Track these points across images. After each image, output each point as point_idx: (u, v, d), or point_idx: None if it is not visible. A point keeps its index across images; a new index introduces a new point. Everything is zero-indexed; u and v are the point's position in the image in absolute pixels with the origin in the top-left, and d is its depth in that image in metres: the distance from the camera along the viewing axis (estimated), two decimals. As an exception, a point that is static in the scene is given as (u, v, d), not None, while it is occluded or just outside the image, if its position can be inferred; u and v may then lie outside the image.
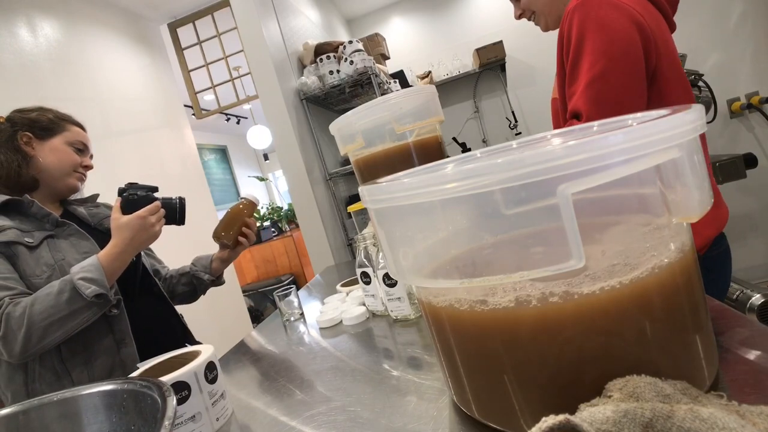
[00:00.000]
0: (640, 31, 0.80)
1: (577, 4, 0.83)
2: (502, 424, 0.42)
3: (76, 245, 1.00)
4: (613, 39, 0.79)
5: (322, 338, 0.91)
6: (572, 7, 0.84)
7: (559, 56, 0.90)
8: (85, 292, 0.85)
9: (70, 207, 1.10)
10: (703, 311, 0.41)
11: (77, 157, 1.08)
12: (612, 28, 0.80)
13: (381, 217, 0.45)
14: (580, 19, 0.82)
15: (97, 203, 1.19)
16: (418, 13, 3.59)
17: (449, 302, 0.42)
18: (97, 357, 0.95)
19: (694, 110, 0.35)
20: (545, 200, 0.32)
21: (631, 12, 0.81)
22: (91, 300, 0.85)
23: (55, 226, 1.00)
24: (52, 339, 0.84)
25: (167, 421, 0.34)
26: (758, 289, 2.00)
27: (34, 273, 0.92)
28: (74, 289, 0.85)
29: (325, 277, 1.65)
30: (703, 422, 0.27)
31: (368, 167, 0.99)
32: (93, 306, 0.87)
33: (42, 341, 0.83)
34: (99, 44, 2.52)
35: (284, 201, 6.74)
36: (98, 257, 0.90)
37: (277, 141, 2.24)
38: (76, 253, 0.99)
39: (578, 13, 0.82)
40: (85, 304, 0.86)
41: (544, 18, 1.01)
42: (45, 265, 0.93)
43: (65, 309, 0.84)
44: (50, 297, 0.84)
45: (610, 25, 0.80)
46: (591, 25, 0.81)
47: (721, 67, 2.86)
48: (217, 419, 0.63)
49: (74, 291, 0.85)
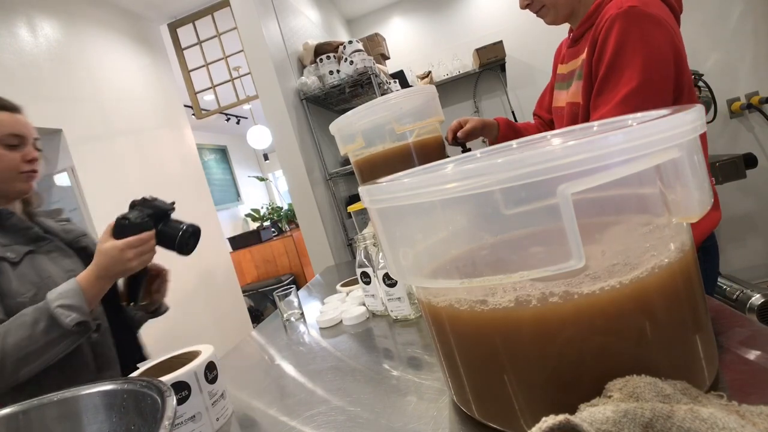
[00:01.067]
0: (674, 51, 0.81)
1: (620, 13, 0.81)
2: (502, 424, 0.42)
3: (59, 262, 0.92)
4: (653, 57, 0.79)
5: (322, 338, 0.91)
6: (614, 14, 0.82)
7: (588, 60, 0.89)
8: (65, 321, 0.78)
9: (36, 219, 0.97)
10: (703, 311, 0.41)
11: (13, 154, 0.89)
12: (653, 46, 0.80)
13: (381, 217, 0.45)
14: (623, 30, 0.81)
15: (67, 218, 1.08)
16: (418, 13, 3.59)
17: (449, 302, 0.42)
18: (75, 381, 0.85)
19: (694, 110, 0.35)
20: (545, 200, 0.32)
21: (670, 30, 0.81)
22: (71, 329, 0.78)
23: (34, 240, 0.91)
24: (27, 371, 0.77)
25: (167, 421, 0.34)
26: (758, 289, 2.00)
27: (18, 292, 0.83)
28: (52, 317, 0.78)
29: (325, 277, 1.65)
30: (703, 422, 0.27)
31: (368, 167, 0.99)
32: (72, 335, 0.80)
33: (15, 374, 0.76)
34: (99, 44, 2.52)
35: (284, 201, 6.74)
36: (78, 281, 0.83)
37: (277, 141, 2.24)
38: (61, 271, 0.91)
39: (621, 22, 0.81)
40: (64, 333, 0.78)
41: (554, 11, 0.98)
42: (30, 283, 0.85)
43: (41, 339, 0.77)
44: (24, 327, 0.77)
45: (652, 42, 0.80)
46: (632, 39, 0.80)
47: (721, 67, 2.86)
48: (217, 419, 0.63)
49: (52, 320, 0.78)
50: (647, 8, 0.80)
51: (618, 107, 0.81)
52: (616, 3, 0.84)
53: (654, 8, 0.81)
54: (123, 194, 2.33)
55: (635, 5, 0.80)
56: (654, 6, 0.82)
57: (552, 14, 0.98)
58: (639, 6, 0.80)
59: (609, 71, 0.83)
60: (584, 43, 0.93)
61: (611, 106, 0.82)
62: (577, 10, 0.96)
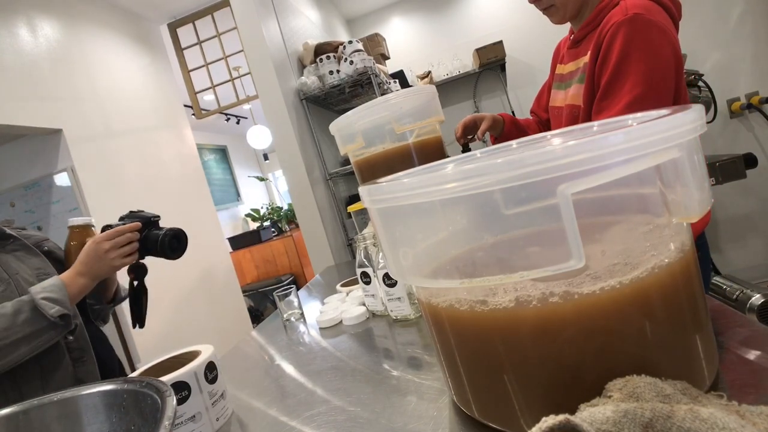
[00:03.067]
0: (676, 58, 0.82)
1: (625, 20, 0.82)
2: (502, 424, 0.42)
3: (26, 261, 0.93)
4: (657, 66, 0.80)
5: (322, 338, 0.91)
6: (620, 21, 0.82)
7: (591, 65, 0.89)
8: (49, 312, 0.79)
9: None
10: (703, 311, 0.40)
11: None
12: (658, 54, 0.80)
13: (381, 217, 0.45)
14: (627, 36, 0.81)
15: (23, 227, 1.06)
16: (418, 13, 3.59)
17: (449, 302, 0.42)
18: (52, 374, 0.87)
19: (694, 110, 0.35)
20: (545, 200, 0.32)
21: (672, 38, 0.82)
22: (54, 320, 0.79)
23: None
24: (4, 363, 0.77)
25: (167, 421, 0.34)
26: (758, 289, 2.00)
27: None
28: (35, 309, 0.79)
29: (325, 277, 1.65)
30: (703, 422, 0.27)
31: (368, 167, 0.99)
32: (56, 327, 0.81)
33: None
34: (99, 44, 2.52)
35: (284, 201, 6.73)
36: (61, 278, 0.84)
37: (277, 141, 2.24)
38: (29, 268, 0.92)
39: (626, 28, 0.81)
40: (48, 325, 0.79)
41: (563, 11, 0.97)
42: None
43: (21, 330, 0.77)
44: (4, 318, 0.77)
45: (656, 50, 0.80)
46: (637, 46, 0.81)
47: (721, 67, 2.86)
48: (217, 419, 0.63)
49: (35, 311, 0.79)
50: (652, 16, 0.81)
51: (622, 112, 0.81)
52: (621, 9, 0.84)
53: (657, 15, 0.82)
54: (123, 194, 2.34)
55: (640, 12, 0.81)
56: (657, 13, 0.82)
57: (560, 14, 0.98)
58: (644, 13, 0.81)
59: (613, 77, 0.83)
60: (586, 45, 0.93)
61: (616, 111, 0.82)
62: (583, 12, 0.96)
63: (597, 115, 0.87)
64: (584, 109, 0.93)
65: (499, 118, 1.19)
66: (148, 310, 1.02)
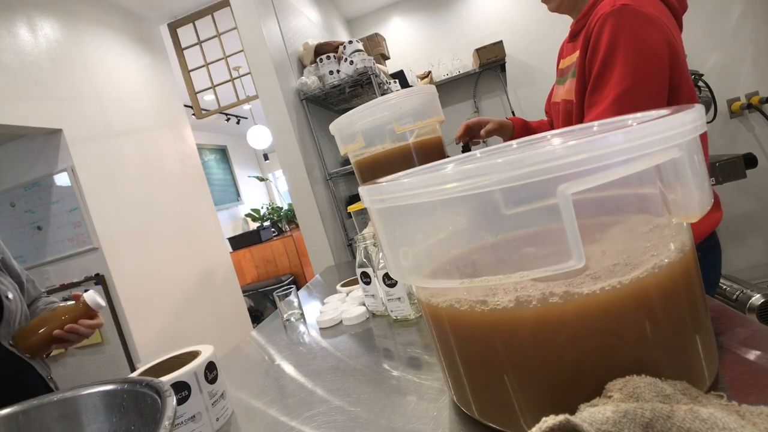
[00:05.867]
0: (669, 49, 0.79)
1: (612, 11, 0.80)
2: (502, 424, 0.42)
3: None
4: (645, 57, 0.78)
5: (322, 338, 0.91)
6: (606, 12, 0.80)
7: (581, 58, 0.87)
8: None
9: None
10: (703, 311, 0.40)
11: None
12: (645, 45, 0.78)
13: (381, 217, 0.45)
14: (614, 28, 0.79)
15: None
16: (418, 13, 3.59)
17: (449, 302, 0.42)
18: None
19: (694, 110, 0.34)
20: (545, 200, 0.32)
21: (664, 28, 0.79)
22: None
23: None
24: None
25: (167, 421, 0.34)
26: (758, 289, 2.00)
27: None
28: None
29: (325, 277, 1.65)
30: (703, 422, 0.27)
31: (368, 167, 0.99)
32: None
33: None
34: (99, 44, 2.52)
35: (284, 201, 6.73)
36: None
37: (277, 141, 2.24)
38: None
39: (612, 20, 0.79)
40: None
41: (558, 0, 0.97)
42: None
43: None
44: None
45: (644, 40, 0.78)
46: (625, 38, 0.79)
47: (721, 67, 2.86)
48: (217, 419, 0.63)
49: None
50: (640, 7, 0.79)
51: (612, 106, 0.80)
52: (609, 1, 0.82)
53: (648, 6, 0.80)
54: (123, 194, 2.34)
55: (628, 4, 0.79)
56: (648, 4, 0.80)
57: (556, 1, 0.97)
58: (632, 4, 0.79)
59: (602, 70, 0.82)
60: (580, 39, 0.93)
61: (605, 105, 0.81)
62: (580, 4, 0.95)
63: (589, 110, 0.86)
64: (577, 104, 0.91)
65: (507, 123, 1.16)
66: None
